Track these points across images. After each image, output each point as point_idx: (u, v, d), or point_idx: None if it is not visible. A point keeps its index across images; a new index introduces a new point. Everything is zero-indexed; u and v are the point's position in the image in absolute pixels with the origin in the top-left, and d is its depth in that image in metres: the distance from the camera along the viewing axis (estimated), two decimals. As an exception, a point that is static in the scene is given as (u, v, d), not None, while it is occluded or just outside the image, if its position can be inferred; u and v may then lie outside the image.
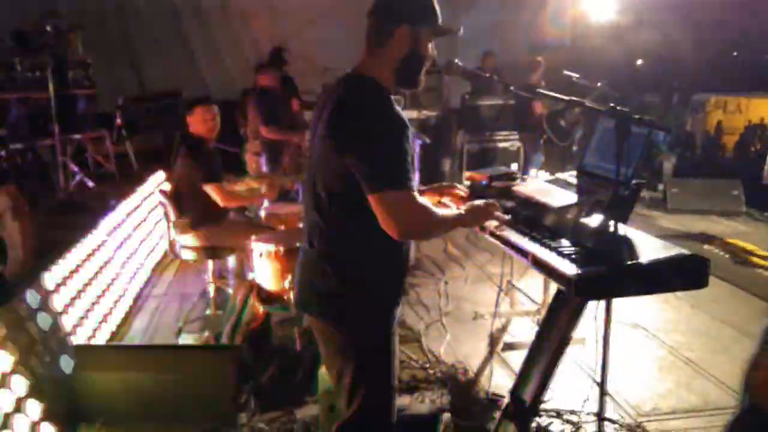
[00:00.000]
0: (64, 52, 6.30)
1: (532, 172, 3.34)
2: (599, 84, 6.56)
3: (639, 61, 10.09)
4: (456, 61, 2.56)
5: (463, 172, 7.29)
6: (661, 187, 7.80)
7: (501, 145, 8.11)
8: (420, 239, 3.63)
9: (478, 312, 4.44)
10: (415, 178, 4.82)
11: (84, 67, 6.32)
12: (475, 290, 4.92)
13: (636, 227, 2.43)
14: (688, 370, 3.71)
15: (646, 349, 3.99)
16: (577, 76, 6.48)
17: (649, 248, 2.18)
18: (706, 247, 5.46)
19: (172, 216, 4.20)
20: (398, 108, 1.94)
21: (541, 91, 2.50)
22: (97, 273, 4.01)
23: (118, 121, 6.91)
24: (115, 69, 8.54)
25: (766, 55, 9.70)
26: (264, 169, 5.91)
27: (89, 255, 3.94)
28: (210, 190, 4.09)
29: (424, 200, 2.02)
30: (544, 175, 3.15)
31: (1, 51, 5.90)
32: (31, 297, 3.03)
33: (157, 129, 7.52)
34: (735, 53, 10.05)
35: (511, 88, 2.49)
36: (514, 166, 3.61)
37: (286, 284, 3.42)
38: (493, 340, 3.90)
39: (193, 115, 4.17)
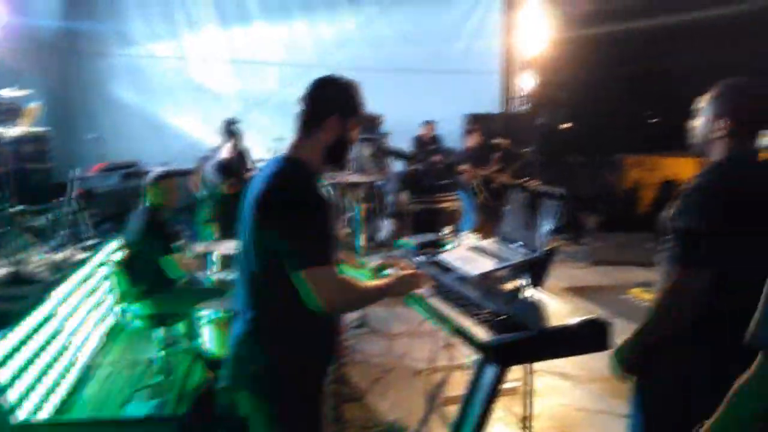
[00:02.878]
0: (20, 125, 6.20)
1: (464, 234, 3.37)
2: (525, 150, 6.77)
3: (566, 125, 10.52)
4: (383, 142, 2.61)
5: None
6: (585, 241, 8.00)
7: (443, 205, 8.25)
8: (344, 312, 3.53)
9: (418, 368, 4.40)
10: (362, 240, 4.77)
11: (41, 141, 6.20)
12: (417, 346, 4.86)
13: (561, 281, 2.47)
14: (610, 416, 3.73)
15: (572, 397, 4.00)
16: (507, 142, 6.68)
17: (559, 313, 2.20)
18: (621, 297, 5.55)
19: (124, 285, 4.08)
20: (320, 188, 1.95)
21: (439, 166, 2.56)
22: (45, 344, 3.83)
23: (75, 191, 6.78)
24: (75, 140, 8.42)
25: (676, 119, 10.27)
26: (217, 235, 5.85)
27: (38, 326, 3.77)
28: (169, 260, 4.03)
29: (346, 275, 2.02)
30: (475, 237, 3.19)
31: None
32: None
33: (113, 198, 7.38)
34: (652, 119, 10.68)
35: (418, 162, 2.54)
36: (447, 229, 3.63)
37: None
38: (432, 396, 3.86)
39: (156, 188, 4.13)
